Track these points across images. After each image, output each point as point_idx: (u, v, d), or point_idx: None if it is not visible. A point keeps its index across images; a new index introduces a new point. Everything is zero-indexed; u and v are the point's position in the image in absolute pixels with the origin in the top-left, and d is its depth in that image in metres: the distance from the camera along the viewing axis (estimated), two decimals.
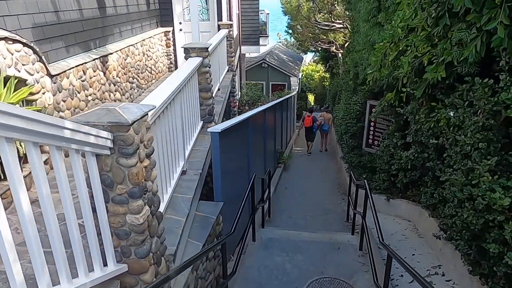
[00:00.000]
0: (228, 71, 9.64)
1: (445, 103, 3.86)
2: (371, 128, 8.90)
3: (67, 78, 4.68)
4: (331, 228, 7.00)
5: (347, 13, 14.00)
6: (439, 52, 3.57)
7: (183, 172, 4.14)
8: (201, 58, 5.13)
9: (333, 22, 18.81)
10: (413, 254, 5.39)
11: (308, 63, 42.60)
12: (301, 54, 30.41)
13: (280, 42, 35.02)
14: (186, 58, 5.17)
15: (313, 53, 28.39)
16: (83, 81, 5.08)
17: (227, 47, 9.44)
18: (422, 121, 4.79)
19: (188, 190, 3.89)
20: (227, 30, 9.20)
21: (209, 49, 5.39)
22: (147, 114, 2.42)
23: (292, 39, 39.41)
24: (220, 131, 4.21)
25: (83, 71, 5.09)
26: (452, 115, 3.54)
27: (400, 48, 4.47)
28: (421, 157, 5.33)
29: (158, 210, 2.74)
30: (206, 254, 3.77)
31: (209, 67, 5.39)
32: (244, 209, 4.55)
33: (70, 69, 4.71)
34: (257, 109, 7.51)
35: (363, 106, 9.06)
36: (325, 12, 17.92)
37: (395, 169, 6.82)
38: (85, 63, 5.14)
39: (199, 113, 5.31)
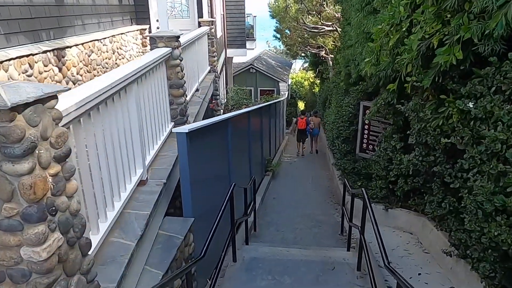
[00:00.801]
0: (210, 72, 8.91)
1: (460, 93, 3.16)
2: (365, 132, 8.23)
3: (6, 71, 3.89)
4: (324, 242, 6.24)
5: (337, 8, 13.44)
6: (453, 29, 2.90)
7: (142, 183, 3.36)
8: (170, 48, 4.38)
9: (322, 25, 18.27)
10: (419, 274, 4.66)
11: (298, 70, 42.35)
12: (290, 60, 29.92)
13: (269, 50, 34.56)
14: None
15: (302, 59, 27.91)
16: (29, 75, 4.29)
17: (208, 46, 8.72)
18: (428, 119, 4.09)
19: (144, 204, 3.11)
20: (208, 27, 8.50)
21: (180, 39, 4.65)
22: (55, 97, 1.65)
23: (282, 47, 39.05)
24: (187, 131, 3.45)
25: (29, 64, 4.31)
26: (471, 106, 2.84)
27: (404, 29, 3.78)
28: (426, 161, 4.63)
29: (85, 236, 1.95)
30: (169, 284, 2.98)
31: (181, 60, 4.65)
32: (222, 224, 3.77)
33: (9, 60, 3.92)
34: (239, 111, 6.78)
35: (356, 108, 8.40)
36: (314, 13, 17.32)
37: (394, 175, 6.13)
38: (32, 55, 4.36)
39: (168, 113, 4.54)
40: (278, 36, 23.30)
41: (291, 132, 21.38)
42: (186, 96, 5.00)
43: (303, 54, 25.98)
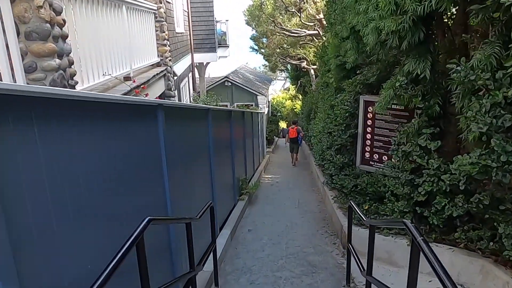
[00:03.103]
0: (160, 65, 6.73)
1: None
2: (368, 136, 6.12)
3: None
4: None
5: (320, 5, 11.58)
6: None
7: None
8: None
9: (303, 28, 16.51)
10: None
11: (279, 90, 41.10)
12: (270, 74, 28.22)
13: (247, 65, 32.89)
14: None
15: (282, 72, 26.20)
16: None
17: (157, 30, 6.58)
18: None
19: None
20: (156, 5, 6.38)
21: None
22: None
23: (261, 68, 37.61)
24: None
25: None
26: None
27: None
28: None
29: None
30: None
31: None
32: None
33: None
34: (191, 104, 4.60)
35: (353, 105, 6.33)
36: (293, 11, 15.44)
37: (424, 193, 4.02)
38: None
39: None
40: (256, 47, 21.45)
41: (273, 151, 19.30)
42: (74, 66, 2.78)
43: (282, 68, 24.25)
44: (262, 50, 20.87)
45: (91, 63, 3.91)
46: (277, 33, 18.14)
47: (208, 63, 14.73)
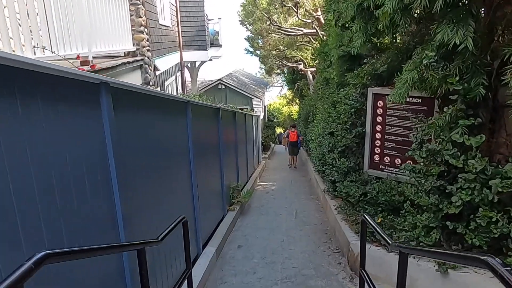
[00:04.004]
0: (136, 55, 5.84)
1: None
2: (378, 135, 5.24)
3: None
4: None
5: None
6: None
7: None
8: None
9: (300, 27, 15.68)
10: None
11: (276, 97, 40.48)
12: (265, 78, 27.42)
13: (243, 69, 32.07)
14: None
15: (279, 75, 25.39)
16: None
17: (132, 14, 5.70)
18: None
19: None
20: None
21: None
22: None
23: (258, 74, 36.80)
24: None
25: None
26: None
27: None
28: None
29: None
30: None
31: None
32: None
33: None
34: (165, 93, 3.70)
35: (360, 100, 5.45)
36: (289, 5, 14.50)
37: (459, 204, 3.14)
38: None
39: None
40: (251, 49, 20.58)
41: (269, 157, 18.35)
42: None
43: (279, 71, 23.41)
44: (258, 52, 19.98)
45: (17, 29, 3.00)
46: (272, 33, 17.26)
47: (200, 64, 13.87)
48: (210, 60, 13.74)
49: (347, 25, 5.37)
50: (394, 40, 5.50)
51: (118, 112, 2.53)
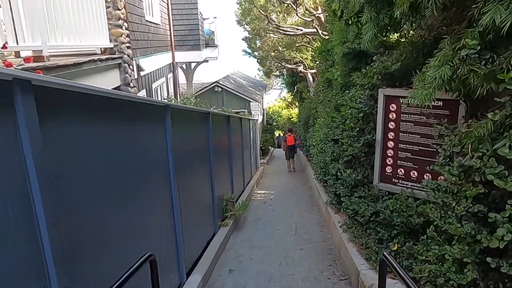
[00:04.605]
0: (114, 52, 5.15)
1: None
2: (390, 144, 4.54)
3: None
4: None
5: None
6: None
7: None
8: None
9: (299, 27, 14.99)
10: None
11: (275, 100, 39.90)
12: (264, 80, 26.76)
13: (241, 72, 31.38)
14: None
15: (278, 78, 24.72)
16: None
17: (108, 7, 5.01)
18: None
19: None
20: None
21: None
22: None
23: (257, 76, 36.15)
24: None
25: None
26: None
27: None
28: None
29: None
30: None
31: None
32: None
33: None
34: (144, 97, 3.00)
35: (369, 103, 4.75)
36: (288, 2, 13.74)
37: (510, 239, 2.41)
38: None
39: None
40: (249, 50, 19.88)
41: (267, 162, 17.65)
42: None
43: (278, 73, 22.71)
44: (256, 53, 19.28)
45: None
46: (271, 32, 16.55)
47: (196, 66, 13.20)
48: (206, 61, 13.08)
49: (353, 18, 4.68)
50: (403, 37, 4.85)
51: (48, 120, 1.83)
